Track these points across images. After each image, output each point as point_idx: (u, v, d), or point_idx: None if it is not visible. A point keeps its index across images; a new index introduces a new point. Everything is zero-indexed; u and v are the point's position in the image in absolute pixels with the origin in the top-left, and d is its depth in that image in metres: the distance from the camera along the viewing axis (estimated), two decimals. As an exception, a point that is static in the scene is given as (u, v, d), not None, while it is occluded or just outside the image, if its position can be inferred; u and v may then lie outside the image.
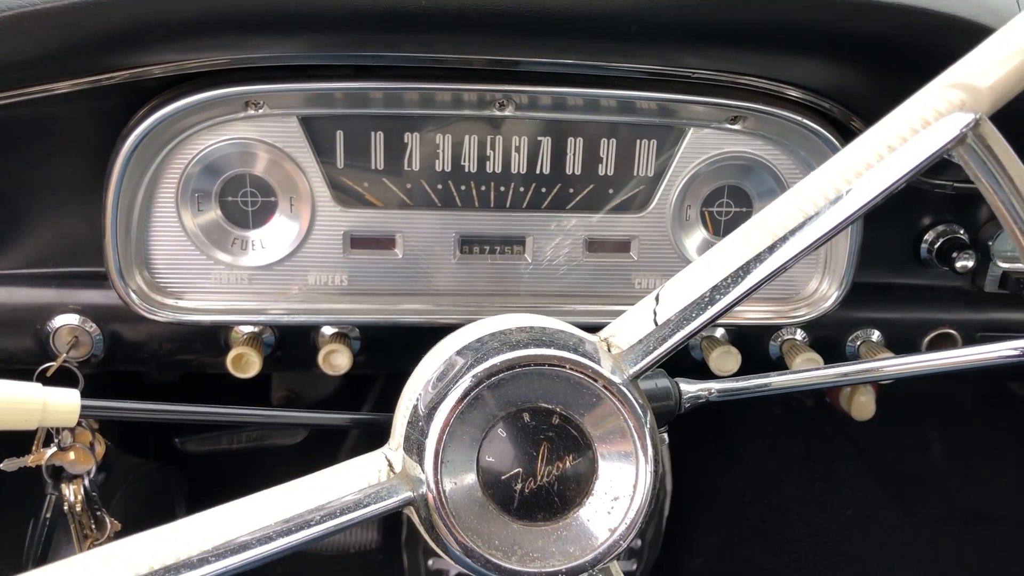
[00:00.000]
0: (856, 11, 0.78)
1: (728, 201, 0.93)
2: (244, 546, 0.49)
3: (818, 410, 1.56)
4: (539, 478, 0.55)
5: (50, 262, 0.93)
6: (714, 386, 0.65)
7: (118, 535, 1.02)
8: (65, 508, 0.98)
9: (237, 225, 0.89)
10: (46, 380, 0.94)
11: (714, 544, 1.54)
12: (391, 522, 1.40)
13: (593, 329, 0.96)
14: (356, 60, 0.82)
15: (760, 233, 0.54)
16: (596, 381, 0.54)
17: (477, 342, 0.56)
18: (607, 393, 0.54)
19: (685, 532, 1.50)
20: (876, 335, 1.01)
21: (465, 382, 0.53)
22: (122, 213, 0.84)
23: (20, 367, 0.96)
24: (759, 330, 0.97)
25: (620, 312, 0.93)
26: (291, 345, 0.96)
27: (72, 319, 0.94)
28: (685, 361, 0.99)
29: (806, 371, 0.68)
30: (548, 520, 0.55)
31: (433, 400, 0.54)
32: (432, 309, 0.93)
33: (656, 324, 0.56)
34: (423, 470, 0.52)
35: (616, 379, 0.54)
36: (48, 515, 0.99)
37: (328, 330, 0.94)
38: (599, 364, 0.54)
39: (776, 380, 0.65)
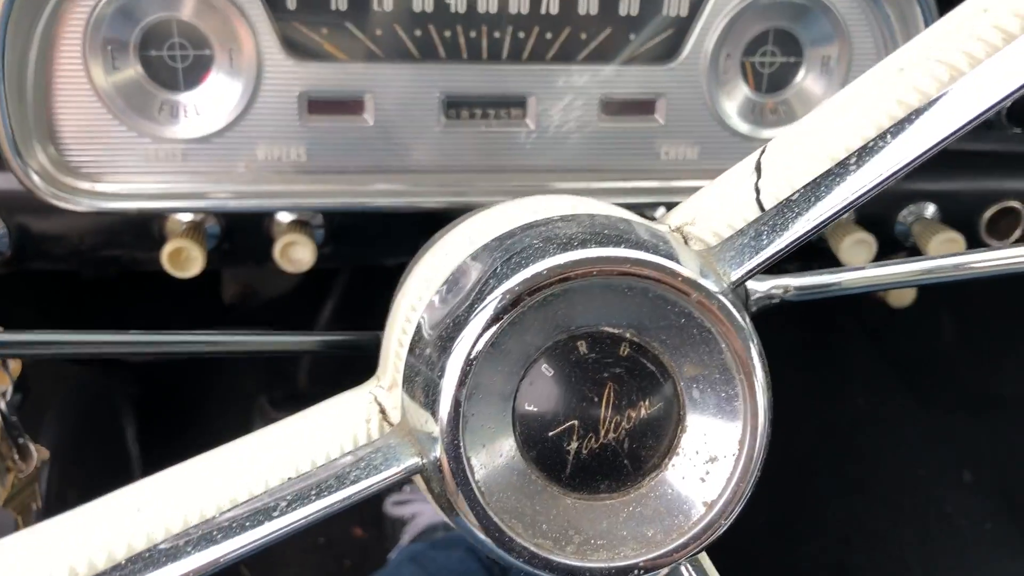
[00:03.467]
0: None
1: (773, 49, 0.75)
2: (165, 559, 0.33)
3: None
4: (603, 433, 0.38)
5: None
6: (791, 282, 0.49)
7: (48, 465, 0.88)
8: (-22, 437, 0.83)
9: (164, 86, 0.71)
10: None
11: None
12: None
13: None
14: None
15: (919, 75, 0.36)
16: (686, 293, 0.37)
17: (507, 237, 0.39)
18: (701, 309, 0.37)
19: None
20: (931, 209, 0.86)
21: (496, 298, 0.36)
22: (11, 68, 0.66)
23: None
24: None
25: (643, 189, 0.79)
26: (240, 236, 0.79)
27: (-33, 209, 0.76)
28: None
29: (911, 263, 0.52)
30: (615, 492, 0.39)
31: (448, 322, 0.37)
32: (411, 190, 0.76)
33: (762, 207, 0.39)
34: (436, 423, 0.36)
35: (714, 288, 0.38)
36: (-43, 447, 0.83)
37: (285, 216, 0.77)
38: (692, 269, 0.37)
39: (871, 273, 0.50)
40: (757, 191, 0.39)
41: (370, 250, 0.87)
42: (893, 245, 0.87)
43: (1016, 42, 0.34)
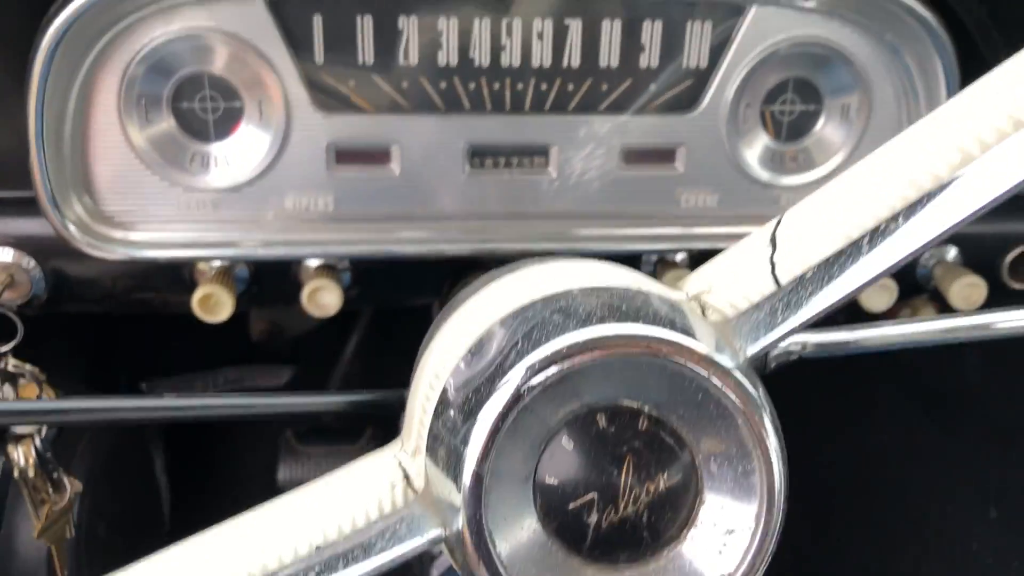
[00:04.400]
0: None
1: (793, 97, 0.76)
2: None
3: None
4: (622, 505, 0.39)
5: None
6: (809, 338, 0.50)
7: (80, 496, 0.90)
8: (16, 474, 0.85)
9: (195, 138, 0.73)
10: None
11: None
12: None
13: (632, 258, 0.82)
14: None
15: (932, 158, 0.36)
16: (703, 370, 0.38)
17: (528, 309, 0.40)
18: (718, 385, 0.38)
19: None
20: (953, 253, 0.87)
21: (518, 373, 0.37)
22: (51, 124, 0.68)
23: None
24: None
25: (664, 236, 0.79)
26: (268, 280, 0.81)
27: (5, 254, 0.78)
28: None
29: (932, 321, 0.53)
30: (635, 563, 0.40)
31: (471, 395, 0.38)
32: (435, 236, 0.77)
33: (778, 282, 0.40)
34: (459, 494, 0.37)
35: (729, 363, 0.38)
36: (-6, 484, 0.85)
37: (313, 262, 0.79)
38: (708, 344, 0.38)
39: (892, 332, 0.50)
40: (773, 264, 0.40)
41: (395, 293, 0.89)
42: (914, 288, 0.87)
43: None
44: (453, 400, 0.39)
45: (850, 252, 0.38)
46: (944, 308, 0.94)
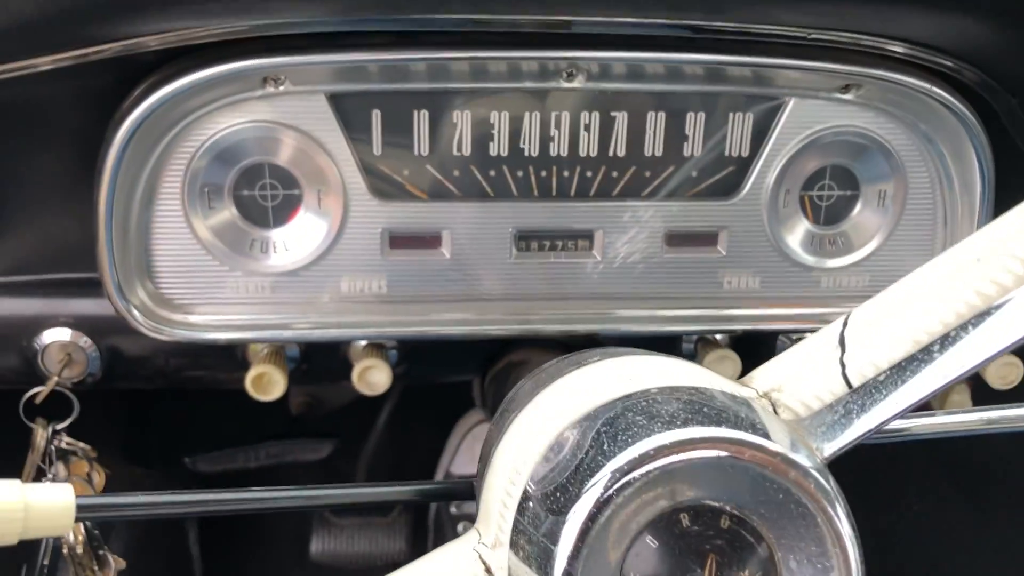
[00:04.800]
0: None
1: (831, 183, 0.79)
2: None
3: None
4: None
5: (37, 268, 0.80)
6: None
7: (122, 574, 0.90)
8: (64, 550, 0.86)
9: (255, 224, 0.75)
10: (35, 406, 0.81)
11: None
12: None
13: (674, 340, 0.84)
14: (395, 25, 0.69)
15: (995, 268, 0.38)
16: (784, 472, 0.40)
17: (608, 409, 0.42)
18: (797, 486, 0.40)
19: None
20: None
21: (606, 476, 0.39)
22: (118, 214, 0.71)
23: (5, 388, 0.83)
24: None
25: (707, 317, 0.81)
26: (319, 359, 0.83)
27: (64, 334, 0.81)
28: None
29: (988, 411, 0.54)
30: None
31: (559, 494, 0.40)
32: (482, 317, 0.79)
33: (849, 384, 0.42)
34: None
35: (807, 463, 0.40)
36: (46, 561, 0.86)
37: (362, 341, 0.81)
38: (786, 445, 0.40)
39: (947, 420, 0.52)
40: (843, 365, 0.42)
41: (440, 370, 0.91)
42: None
43: None
44: (537, 497, 0.40)
45: (922, 357, 0.39)
46: (978, 385, 0.95)
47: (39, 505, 0.47)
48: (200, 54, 0.67)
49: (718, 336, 0.83)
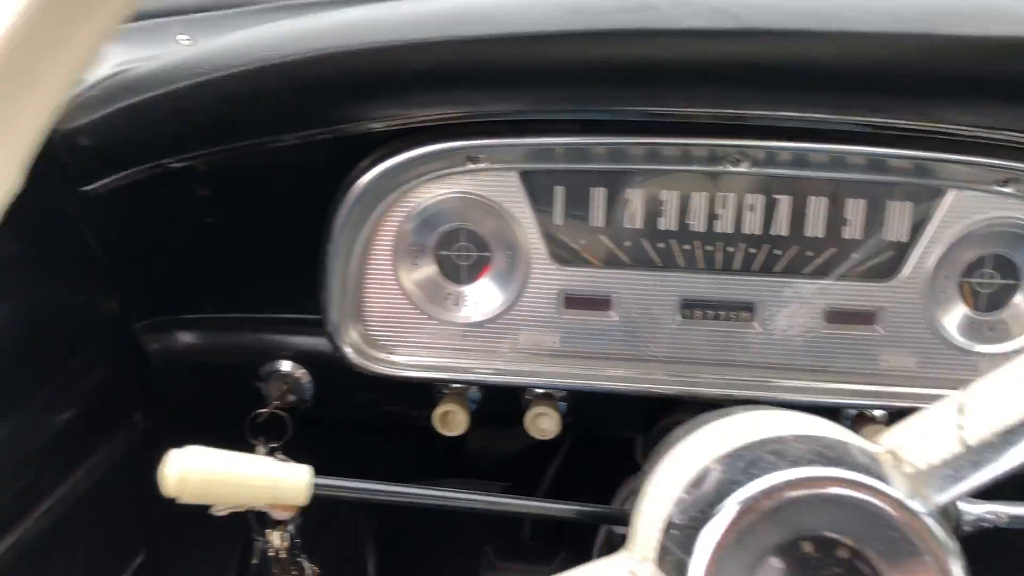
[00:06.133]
0: None
1: (992, 272, 0.81)
2: None
3: None
4: None
5: (268, 308, 0.94)
6: (1005, 510, 0.55)
7: (313, 582, 1.02)
8: (271, 554, 1.00)
9: (451, 280, 0.87)
10: (256, 427, 0.95)
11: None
12: None
13: (831, 411, 0.88)
14: (582, 115, 0.78)
15: None
16: (898, 512, 0.46)
17: (747, 449, 0.49)
18: (910, 527, 0.46)
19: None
20: None
21: (737, 500, 0.46)
22: (340, 266, 0.84)
23: (229, 409, 0.98)
24: None
25: (863, 392, 0.85)
26: (496, 402, 0.93)
27: (286, 365, 0.95)
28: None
29: None
30: None
31: (697, 513, 0.47)
32: (646, 376, 0.87)
33: (965, 444, 0.47)
34: None
35: (919, 508, 0.46)
36: (256, 561, 1.00)
37: (536, 390, 0.90)
38: (900, 490, 0.46)
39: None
40: (960, 428, 0.47)
41: (603, 423, 0.98)
42: None
43: None
44: (679, 522, 0.48)
45: (1031, 424, 0.45)
46: None
47: (285, 478, 0.60)
48: (416, 135, 0.80)
49: (876, 412, 0.87)
